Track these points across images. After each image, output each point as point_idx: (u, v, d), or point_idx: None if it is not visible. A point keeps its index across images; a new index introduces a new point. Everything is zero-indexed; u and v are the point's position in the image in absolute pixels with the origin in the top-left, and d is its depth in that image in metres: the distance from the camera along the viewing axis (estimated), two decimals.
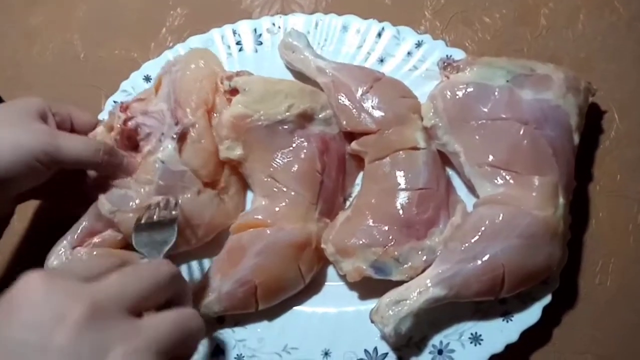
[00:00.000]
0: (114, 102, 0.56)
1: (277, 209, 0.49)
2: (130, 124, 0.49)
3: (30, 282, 0.30)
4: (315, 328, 0.48)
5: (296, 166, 0.50)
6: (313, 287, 0.50)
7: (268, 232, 0.48)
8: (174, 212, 0.46)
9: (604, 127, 0.53)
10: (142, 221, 0.45)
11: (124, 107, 0.50)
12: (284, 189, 0.50)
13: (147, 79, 0.57)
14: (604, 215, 0.50)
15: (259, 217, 0.49)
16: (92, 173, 0.49)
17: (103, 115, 0.55)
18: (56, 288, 0.29)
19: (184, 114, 0.49)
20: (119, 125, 0.49)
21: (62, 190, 0.50)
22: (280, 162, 0.50)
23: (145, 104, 0.51)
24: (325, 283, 0.51)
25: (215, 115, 0.51)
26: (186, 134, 0.49)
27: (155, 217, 0.46)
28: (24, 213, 0.55)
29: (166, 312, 0.33)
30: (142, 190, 0.48)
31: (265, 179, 0.50)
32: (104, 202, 0.47)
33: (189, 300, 0.38)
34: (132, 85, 0.57)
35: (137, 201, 0.47)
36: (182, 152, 0.49)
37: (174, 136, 0.48)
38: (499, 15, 0.58)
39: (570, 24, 0.57)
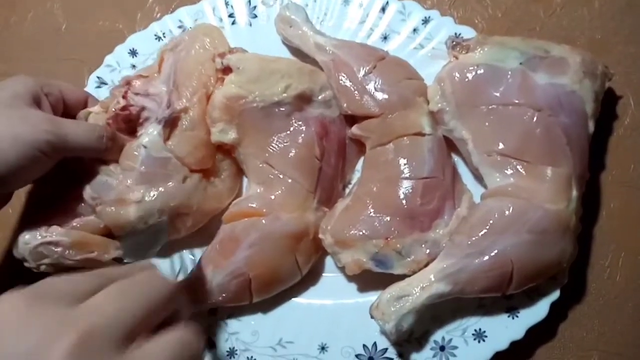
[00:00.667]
0: (97, 77, 0.53)
1: (272, 197, 0.46)
2: (132, 109, 0.45)
3: (11, 306, 0.27)
4: (312, 321, 0.46)
5: (293, 152, 0.47)
6: (310, 278, 0.48)
7: (263, 221, 0.45)
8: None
9: (619, 114, 0.50)
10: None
11: (125, 84, 0.47)
12: (280, 176, 0.47)
13: (133, 52, 0.54)
14: (615, 207, 0.48)
15: (254, 205, 0.46)
16: None
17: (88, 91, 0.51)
18: (40, 313, 0.26)
19: (179, 98, 0.46)
20: (114, 110, 0.45)
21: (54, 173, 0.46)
22: (276, 147, 0.47)
23: (147, 82, 0.47)
24: (323, 274, 0.48)
25: None
26: (177, 120, 0.46)
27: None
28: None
29: (165, 336, 0.30)
30: (124, 177, 0.44)
31: (261, 165, 0.47)
32: (86, 187, 0.45)
33: (188, 313, 0.36)
34: (117, 60, 0.53)
35: (119, 188, 0.44)
36: (170, 138, 0.45)
37: (161, 121, 0.45)
38: None
39: (586, 2, 0.53)
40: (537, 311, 0.44)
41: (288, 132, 0.47)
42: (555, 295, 0.44)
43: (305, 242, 0.46)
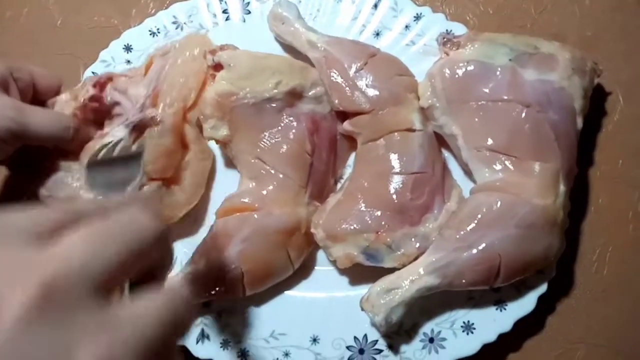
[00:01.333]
0: (92, 73, 0.53)
1: (264, 192, 0.47)
2: (106, 101, 0.45)
3: None
4: (304, 314, 0.47)
5: (285, 147, 0.47)
6: (302, 271, 0.48)
7: (255, 216, 0.46)
8: (135, 147, 0.41)
9: (608, 110, 0.51)
10: (99, 157, 0.40)
11: (104, 80, 0.47)
12: (272, 171, 0.47)
13: (128, 48, 0.54)
14: (603, 202, 0.49)
15: (246, 200, 0.47)
16: None
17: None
18: None
19: (155, 105, 0.46)
20: (82, 100, 0.45)
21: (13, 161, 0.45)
22: (267, 142, 0.48)
23: (129, 81, 0.47)
24: (315, 267, 0.49)
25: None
26: (146, 127, 0.45)
27: (115, 152, 0.41)
28: None
29: (150, 294, 0.24)
30: (80, 176, 0.44)
31: (252, 161, 0.48)
32: (44, 182, 0.44)
33: (171, 267, 0.31)
34: (112, 55, 0.54)
35: (73, 185, 0.43)
36: (135, 142, 0.45)
37: (129, 124, 0.45)
38: None
39: (576, 0, 0.53)
40: (525, 304, 0.44)
41: (279, 127, 0.48)
42: (543, 288, 0.44)
43: (297, 236, 0.46)
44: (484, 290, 0.44)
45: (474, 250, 0.41)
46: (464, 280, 0.42)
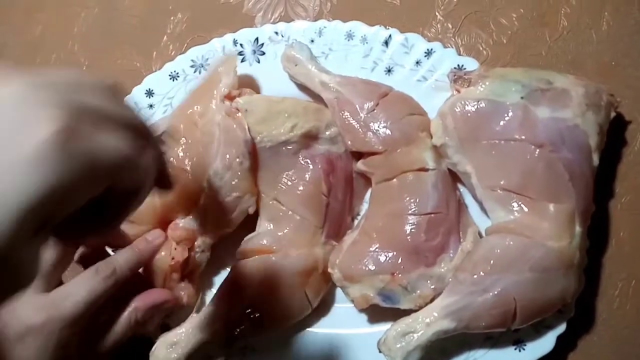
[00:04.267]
0: None
1: (281, 233, 0.48)
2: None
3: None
4: (325, 350, 0.48)
5: (301, 188, 0.48)
6: (322, 308, 0.49)
7: (273, 259, 0.47)
8: None
9: (628, 139, 0.50)
10: None
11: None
12: (289, 213, 0.48)
13: (150, 93, 0.56)
14: (624, 235, 0.48)
15: (264, 242, 0.48)
16: None
17: None
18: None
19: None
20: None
21: None
22: (284, 184, 0.49)
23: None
24: (335, 304, 0.50)
25: None
26: None
27: None
28: None
29: None
30: None
31: (270, 202, 0.49)
32: None
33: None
34: (135, 101, 0.56)
35: None
36: None
37: None
38: (516, 15, 0.53)
39: (593, 24, 0.52)
40: (544, 344, 0.44)
41: (295, 169, 0.49)
42: (562, 328, 0.44)
43: (314, 276, 0.47)
44: (502, 331, 0.44)
45: (489, 294, 0.41)
46: (480, 324, 0.42)
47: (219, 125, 0.48)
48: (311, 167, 0.49)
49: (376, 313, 0.48)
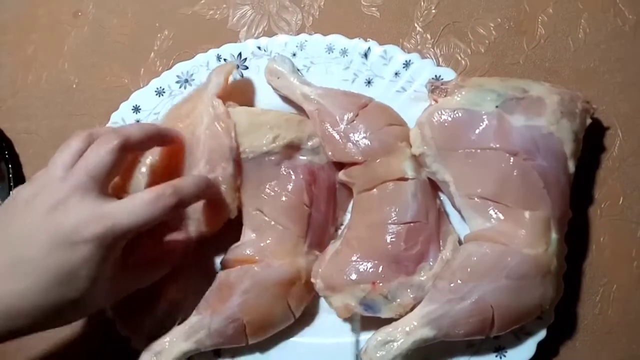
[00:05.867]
0: None
1: (264, 244, 0.48)
2: None
3: None
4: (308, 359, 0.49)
5: (283, 199, 0.49)
6: (306, 317, 0.50)
7: (256, 269, 0.47)
8: None
9: (606, 145, 0.50)
10: None
11: None
12: (272, 223, 0.49)
13: (136, 109, 0.57)
14: (605, 241, 0.48)
15: (247, 252, 0.49)
16: None
17: None
18: None
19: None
20: None
21: None
22: (267, 195, 0.50)
23: None
24: (319, 313, 0.50)
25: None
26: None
27: None
28: None
29: None
30: None
31: (254, 212, 0.50)
32: None
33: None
34: (122, 117, 0.57)
35: None
36: None
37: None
38: (494, 25, 0.54)
39: (570, 31, 0.53)
40: (525, 351, 0.44)
41: (278, 180, 0.50)
42: (542, 334, 0.44)
43: (297, 286, 0.48)
44: (483, 338, 0.44)
45: (467, 302, 0.41)
46: (459, 332, 0.42)
47: (206, 128, 0.49)
48: (293, 177, 0.50)
49: (361, 320, 0.48)
